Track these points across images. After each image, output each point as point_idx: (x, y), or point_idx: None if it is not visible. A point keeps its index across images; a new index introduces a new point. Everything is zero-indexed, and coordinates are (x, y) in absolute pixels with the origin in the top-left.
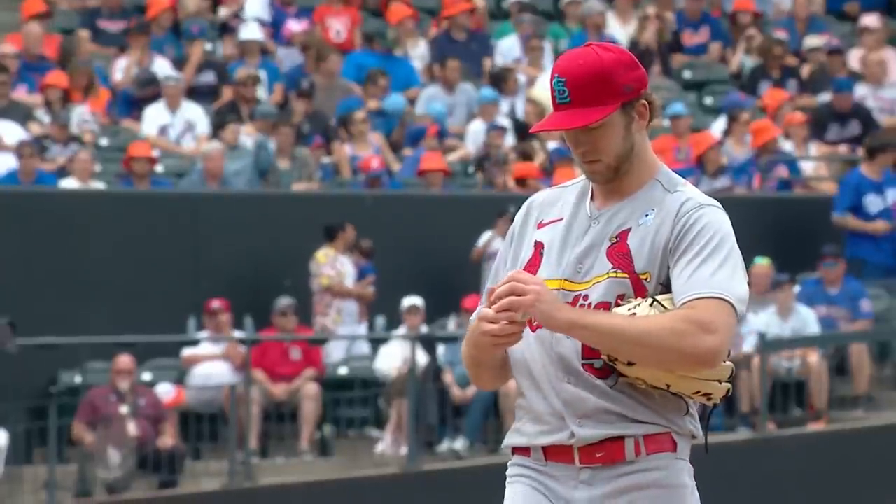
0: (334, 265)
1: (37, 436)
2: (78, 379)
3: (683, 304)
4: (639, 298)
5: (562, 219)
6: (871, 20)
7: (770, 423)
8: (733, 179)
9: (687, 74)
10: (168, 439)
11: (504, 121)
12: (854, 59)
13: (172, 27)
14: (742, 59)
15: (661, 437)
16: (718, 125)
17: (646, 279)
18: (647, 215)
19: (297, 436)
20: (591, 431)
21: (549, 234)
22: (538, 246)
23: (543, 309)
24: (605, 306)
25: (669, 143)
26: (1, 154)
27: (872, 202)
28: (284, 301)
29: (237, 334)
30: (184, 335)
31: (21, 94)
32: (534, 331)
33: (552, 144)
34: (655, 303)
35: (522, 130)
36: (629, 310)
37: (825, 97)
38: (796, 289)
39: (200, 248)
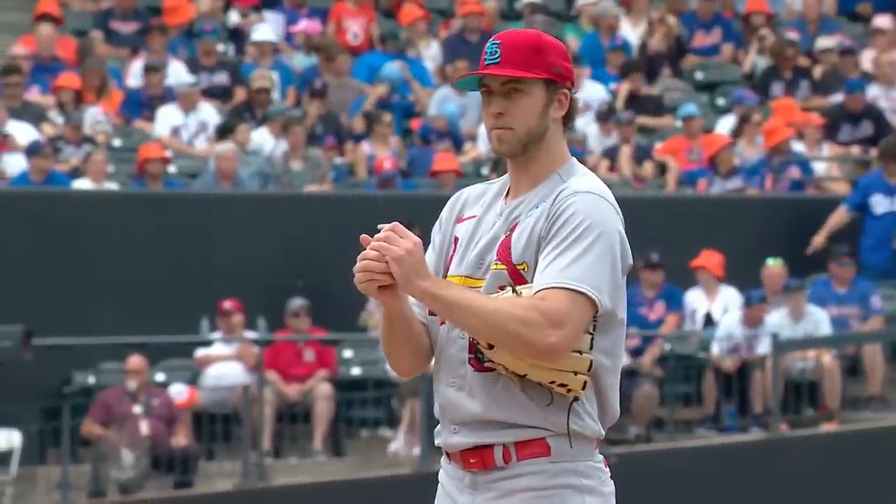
0: None
1: (50, 436)
2: (91, 379)
3: (536, 293)
4: (502, 292)
5: (475, 216)
6: (883, 21)
7: (783, 423)
8: (746, 180)
9: (699, 75)
10: (181, 439)
11: None
12: (866, 59)
13: (186, 29)
14: (754, 60)
15: (533, 443)
16: (727, 122)
17: (523, 269)
18: (536, 207)
19: (310, 436)
20: (461, 439)
21: (462, 230)
22: (455, 241)
23: (404, 271)
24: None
25: (682, 143)
26: (14, 155)
27: (879, 203)
28: (297, 302)
29: (250, 335)
30: (197, 336)
31: (34, 95)
32: (441, 324)
33: None
34: (515, 293)
35: None
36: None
37: (837, 98)
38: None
39: (213, 249)
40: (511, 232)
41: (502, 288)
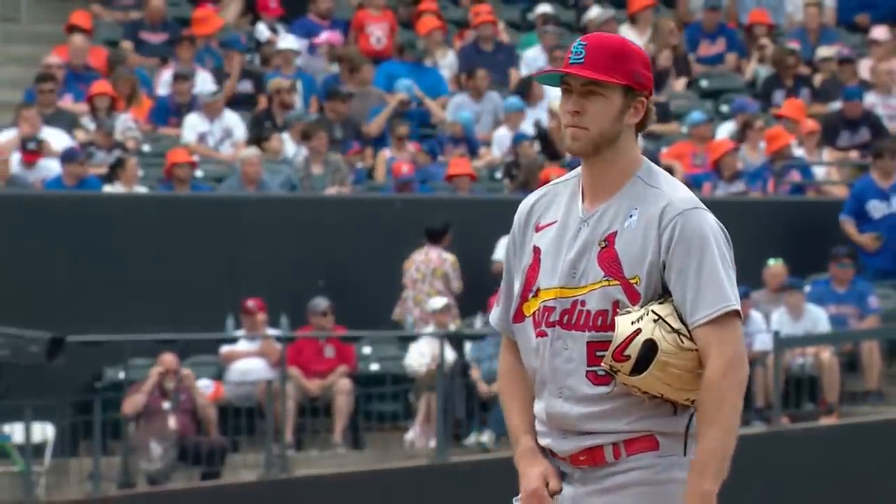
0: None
1: (82, 429)
2: (121, 375)
3: (695, 329)
4: (639, 309)
5: (556, 221)
6: (880, 32)
7: (784, 417)
8: (748, 184)
9: (704, 83)
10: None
11: (529, 129)
12: (864, 68)
13: (213, 40)
14: (756, 69)
15: (640, 440)
16: (727, 128)
17: (636, 283)
18: (631, 216)
19: (330, 429)
20: (571, 445)
21: (545, 239)
22: (536, 252)
23: None
24: (603, 314)
25: (687, 149)
26: (49, 160)
27: (876, 207)
28: (323, 302)
29: (273, 332)
30: (222, 333)
31: (67, 102)
32: (537, 336)
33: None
34: (660, 319)
35: (545, 138)
36: (632, 322)
37: (836, 105)
38: (806, 289)
39: (238, 250)
40: (610, 244)
41: (617, 304)
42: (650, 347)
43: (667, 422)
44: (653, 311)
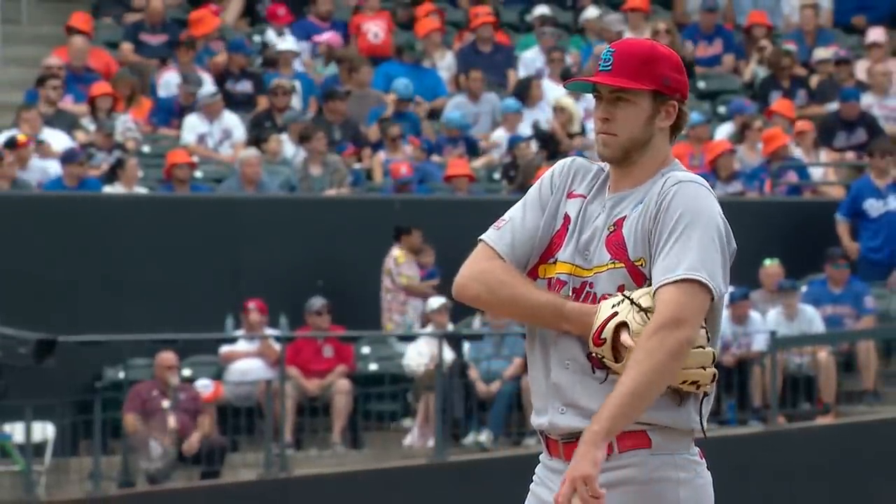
0: (411, 266)
1: (82, 428)
2: (121, 374)
3: (654, 292)
4: (619, 296)
5: (585, 197)
6: (876, 33)
7: (781, 416)
8: (746, 184)
9: (701, 84)
10: (206, 429)
11: (527, 130)
12: (860, 69)
13: (214, 40)
14: (755, 70)
15: (634, 435)
16: (725, 129)
17: (641, 265)
18: (640, 202)
19: (329, 429)
20: (568, 421)
21: (574, 209)
22: (566, 220)
23: (586, 472)
24: (606, 298)
25: (684, 149)
26: (48, 160)
27: (873, 206)
28: (318, 301)
29: (272, 332)
30: (222, 333)
31: (67, 103)
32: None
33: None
34: (633, 304)
35: (543, 139)
36: (612, 306)
37: (833, 106)
38: (803, 289)
39: (237, 251)
40: (618, 228)
41: (621, 288)
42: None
43: (667, 415)
44: (627, 298)
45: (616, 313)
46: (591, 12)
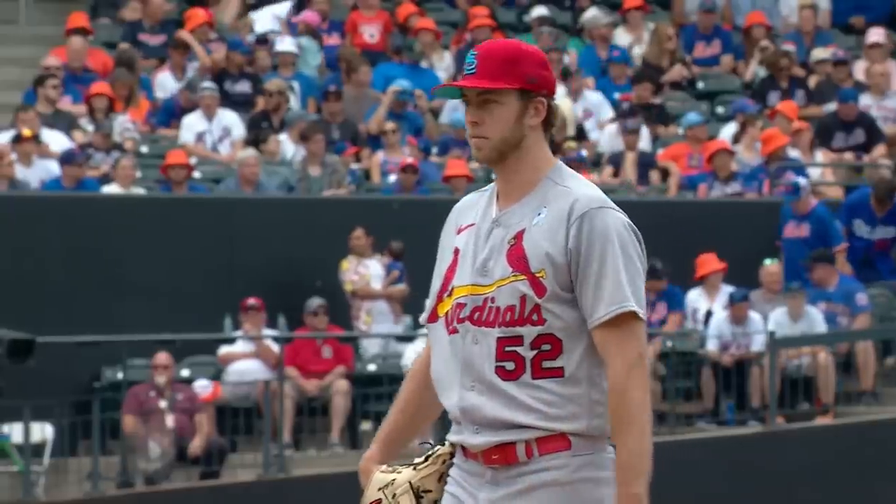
0: (357, 270)
1: (81, 429)
2: (120, 375)
3: (592, 330)
4: (393, 474)
5: (473, 224)
6: (875, 34)
7: (779, 417)
8: (744, 185)
9: (700, 85)
10: (205, 430)
11: None
12: (859, 70)
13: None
14: (756, 70)
15: (553, 438)
16: (728, 130)
17: (542, 277)
18: (539, 214)
19: (328, 429)
20: (483, 439)
21: (463, 240)
22: (456, 253)
23: None
24: (511, 309)
25: (683, 150)
26: (47, 161)
27: (860, 227)
28: (316, 301)
29: (270, 333)
30: (220, 334)
31: (66, 104)
32: (449, 334)
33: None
34: (411, 488)
35: None
36: (378, 489)
37: (831, 107)
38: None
39: (236, 251)
40: (518, 241)
41: (524, 298)
42: None
43: (579, 424)
44: (414, 470)
45: (380, 500)
46: (591, 13)
